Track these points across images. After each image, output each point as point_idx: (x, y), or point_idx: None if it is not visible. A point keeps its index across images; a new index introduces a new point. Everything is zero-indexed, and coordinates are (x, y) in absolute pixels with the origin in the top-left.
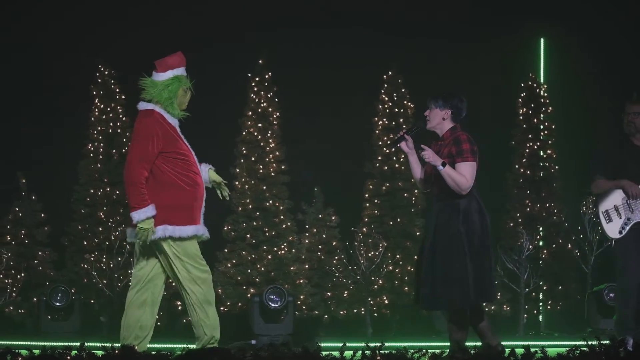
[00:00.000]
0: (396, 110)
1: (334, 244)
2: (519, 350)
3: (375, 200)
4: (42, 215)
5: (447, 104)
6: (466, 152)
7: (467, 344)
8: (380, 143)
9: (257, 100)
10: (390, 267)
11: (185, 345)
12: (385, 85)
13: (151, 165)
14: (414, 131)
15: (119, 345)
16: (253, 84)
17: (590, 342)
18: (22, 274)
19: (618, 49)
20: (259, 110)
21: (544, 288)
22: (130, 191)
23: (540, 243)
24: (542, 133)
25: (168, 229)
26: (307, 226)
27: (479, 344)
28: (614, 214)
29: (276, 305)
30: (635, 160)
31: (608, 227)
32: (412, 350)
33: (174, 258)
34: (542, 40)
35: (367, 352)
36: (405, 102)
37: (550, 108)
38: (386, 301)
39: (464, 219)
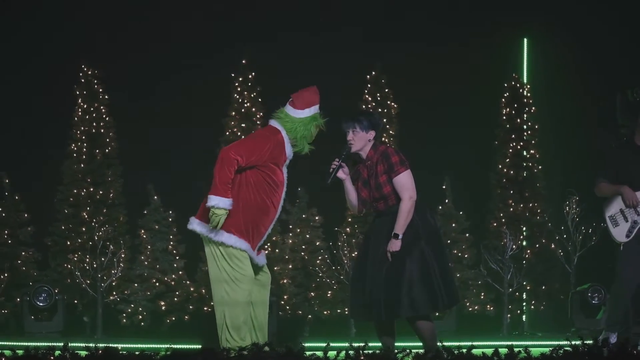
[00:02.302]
0: (380, 110)
1: (317, 244)
2: (503, 351)
3: None
4: (26, 215)
5: (371, 125)
6: (397, 164)
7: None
8: None
9: (240, 100)
10: None
11: (169, 345)
12: (369, 86)
13: (245, 161)
14: (343, 157)
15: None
16: (236, 84)
17: (573, 342)
18: (5, 274)
19: (602, 48)
20: (243, 110)
21: (528, 288)
22: (217, 176)
23: (524, 243)
24: (525, 133)
25: (232, 237)
26: (290, 226)
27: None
28: (620, 218)
29: None
30: (638, 162)
31: (615, 231)
32: (396, 350)
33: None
34: (524, 40)
35: (351, 352)
36: (388, 103)
37: (533, 108)
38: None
39: (422, 224)
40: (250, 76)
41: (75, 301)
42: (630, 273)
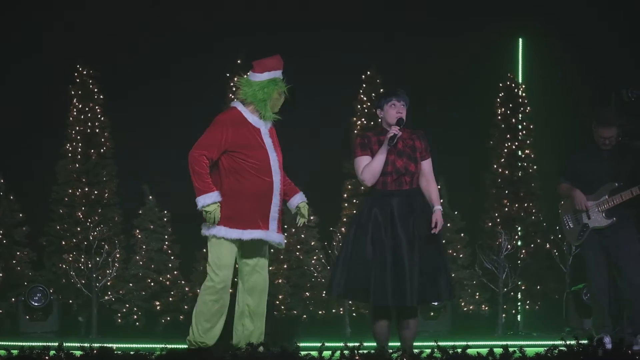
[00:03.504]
0: (374, 110)
1: (312, 244)
2: (498, 350)
3: (354, 200)
4: (20, 215)
5: (407, 102)
6: (429, 148)
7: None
8: None
9: (235, 100)
10: None
11: (164, 345)
12: (364, 85)
13: (214, 154)
14: (402, 126)
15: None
16: (232, 84)
17: (568, 342)
18: (0, 274)
19: (598, 49)
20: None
21: (523, 288)
22: (193, 178)
23: (519, 243)
24: (520, 133)
25: (219, 228)
26: (285, 226)
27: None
28: (572, 220)
29: None
30: (597, 164)
31: (568, 232)
32: (391, 350)
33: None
34: (520, 40)
35: (346, 352)
36: None
37: (528, 108)
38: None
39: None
40: (245, 76)
41: (70, 301)
42: (598, 280)
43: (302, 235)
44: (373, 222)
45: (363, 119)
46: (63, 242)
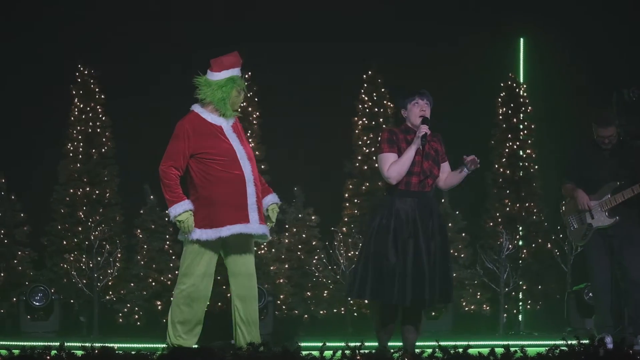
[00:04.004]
0: (376, 109)
1: (313, 243)
2: (499, 350)
3: (355, 200)
4: (22, 215)
5: (431, 101)
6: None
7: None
8: (360, 142)
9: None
10: None
11: (165, 345)
12: (365, 85)
13: (181, 164)
14: (430, 125)
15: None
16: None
17: (569, 342)
18: (2, 274)
19: (598, 48)
20: (239, 110)
21: (524, 287)
22: (163, 191)
23: (520, 243)
24: (521, 133)
25: (196, 232)
26: (286, 226)
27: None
28: (576, 220)
29: None
30: (599, 164)
31: (572, 233)
32: (392, 350)
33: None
34: (521, 39)
35: (347, 351)
36: (384, 102)
37: (529, 108)
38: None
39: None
40: (246, 76)
41: (72, 301)
42: (601, 279)
43: (304, 235)
44: (395, 221)
45: (364, 119)
46: (64, 242)
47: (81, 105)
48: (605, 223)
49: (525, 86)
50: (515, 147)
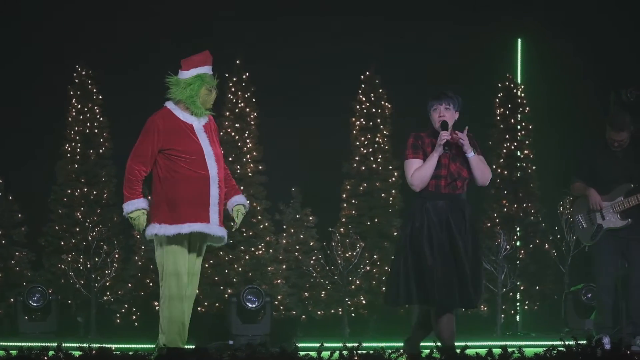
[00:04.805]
0: (373, 110)
1: (311, 244)
2: (496, 351)
3: (353, 201)
4: (19, 215)
5: (459, 106)
6: (478, 145)
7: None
8: (357, 143)
9: (234, 100)
10: (368, 268)
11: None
12: (363, 86)
13: (149, 161)
14: (450, 131)
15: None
16: (230, 84)
17: (567, 342)
18: None
19: (596, 49)
20: (237, 110)
21: (522, 288)
22: (124, 186)
23: (518, 243)
24: (519, 133)
25: (155, 227)
26: (284, 226)
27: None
28: (586, 220)
29: (254, 306)
30: (612, 164)
31: (581, 233)
32: (390, 351)
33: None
34: (519, 40)
35: (345, 352)
36: (382, 103)
37: (527, 108)
38: (363, 301)
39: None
40: (244, 76)
41: (69, 301)
42: (606, 280)
43: (301, 236)
44: (427, 222)
45: (362, 119)
46: (62, 243)
47: (79, 106)
48: (617, 225)
49: (522, 87)
50: (512, 147)
